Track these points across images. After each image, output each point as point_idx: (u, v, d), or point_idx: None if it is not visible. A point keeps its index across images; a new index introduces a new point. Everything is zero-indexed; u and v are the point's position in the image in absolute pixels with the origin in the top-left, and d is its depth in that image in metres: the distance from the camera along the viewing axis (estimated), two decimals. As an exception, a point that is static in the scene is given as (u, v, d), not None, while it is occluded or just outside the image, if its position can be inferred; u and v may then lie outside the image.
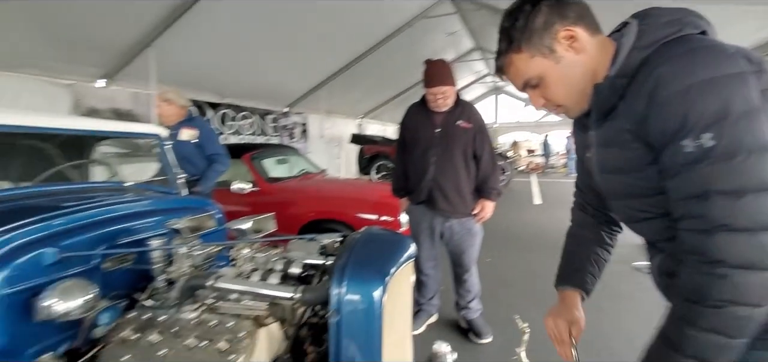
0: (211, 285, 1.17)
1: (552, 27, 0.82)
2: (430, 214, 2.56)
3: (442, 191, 2.47)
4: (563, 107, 0.91)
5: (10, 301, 1.05)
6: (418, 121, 2.57)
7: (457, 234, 2.55)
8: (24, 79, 4.86)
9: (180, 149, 3.10)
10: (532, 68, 0.86)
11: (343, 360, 0.99)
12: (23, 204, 1.40)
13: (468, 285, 2.64)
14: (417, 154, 2.53)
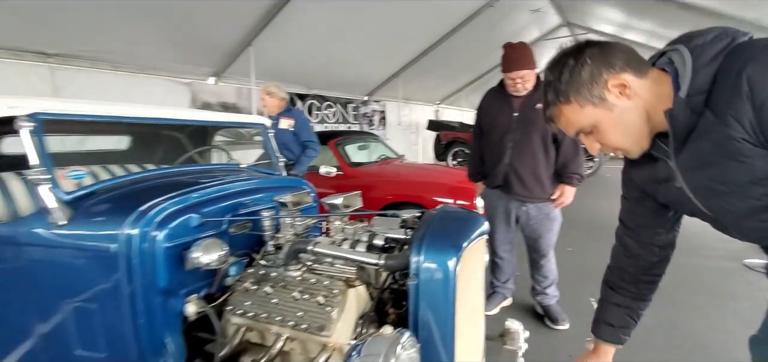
0: (311, 250, 1.40)
1: (599, 78, 0.82)
2: (506, 198, 2.58)
3: (519, 175, 2.47)
4: (622, 150, 0.91)
5: (168, 254, 1.38)
6: (495, 105, 2.57)
7: (534, 218, 2.53)
8: (154, 79, 5.82)
9: (279, 137, 3.51)
10: (583, 118, 0.86)
11: (420, 320, 1.14)
12: (168, 181, 1.77)
13: (545, 270, 2.62)
14: (494, 138, 2.55)
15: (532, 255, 2.67)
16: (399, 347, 0.91)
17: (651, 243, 1.10)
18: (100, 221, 1.37)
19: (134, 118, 1.86)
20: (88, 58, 5.00)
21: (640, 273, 1.14)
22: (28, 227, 1.44)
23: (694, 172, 0.83)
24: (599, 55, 0.83)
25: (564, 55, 0.86)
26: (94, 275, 1.37)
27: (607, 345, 1.20)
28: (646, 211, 1.07)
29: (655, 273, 1.14)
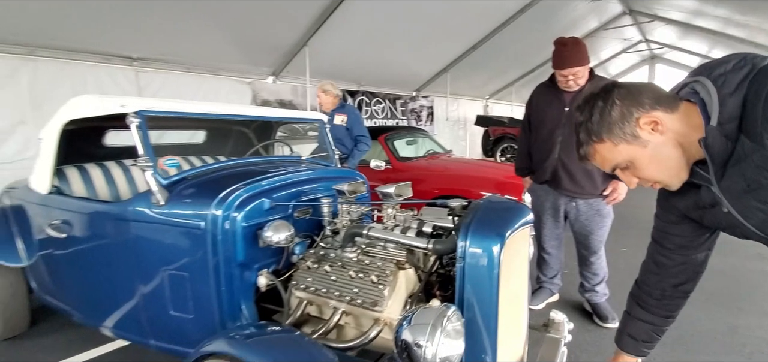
0: (365, 233, 1.55)
1: (630, 117, 0.84)
2: (554, 194, 2.57)
3: (568, 171, 2.45)
4: (660, 183, 0.92)
5: (245, 232, 1.60)
6: (545, 100, 2.55)
7: (584, 214, 2.51)
8: (220, 79, 6.33)
9: (333, 132, 3.75)
10: (618, 155, 0.88)
11: (465, 301, 1.24)
12: (242, 170, 2.01)
13: (594, 267, 2.59)
14: (543, 134, 2.53)
15: (582, 252, 2.64)
16: (445, 319, 1.02)
17: (685, 263, 1.11)
18: (190, 203, 1.62)
19: (216, 115, 2.14)
20: (165, 60, 5.58)
21: (669, 291, 1.15)
22: (135, 206, 1.73)
23: (740, 197, 0.82)
24: (627, 95, 0.85)
25: (592, 96, 0.90)
26: (185, 248, 1.62)
27: (628, 357, 1.22)
28: (683, 232, 1.07)
29: (685, 290, 1.16)
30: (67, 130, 2.04)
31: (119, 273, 1.82)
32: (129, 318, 1.86)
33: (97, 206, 1.95)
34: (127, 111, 1.67)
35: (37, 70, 4.55)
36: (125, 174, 2.57)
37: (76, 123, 2.00)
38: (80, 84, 4.88)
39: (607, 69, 13.77)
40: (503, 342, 1.30)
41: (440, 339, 0.98)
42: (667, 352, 2.24)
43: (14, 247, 2.31)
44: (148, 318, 1.78)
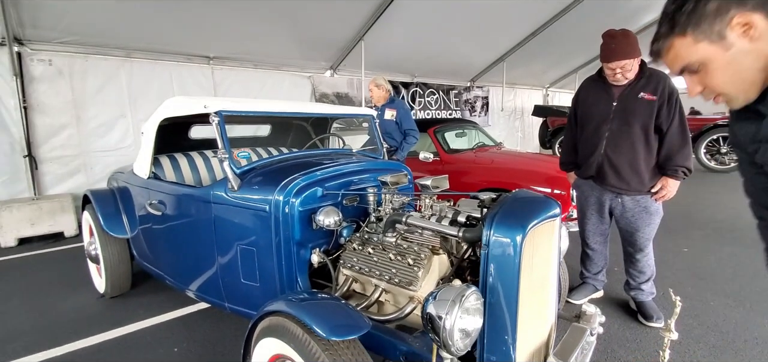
0: (404, 221, 1.74)
1: (726, 13, 0.76)
2: (599, 189, 2.54)
3: (614, 167, 2.41)
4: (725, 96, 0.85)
5: (301, 216, 1.86)
6: (593, 94, 2.51)
7: (630, 211, 2.46)
8: (283, 74, 6.81)
9: (384, 125, 4.01)
10: (694, 54, 0.81)
11: (488, 285, 1.38)
12: (300, 162, 2.28)
13: (640, 265, 2.53)
14: (589, 128, 2.50)
15: (627, 249, 2.58)
16: (464, 297, 1.18)
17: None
18: (258, 189, 1.92)
19: (280, 113, 2.44)
20: (237, 59, 6.15)
21: None
22: (214, 191, 2.07)
23: None
24: None
25: None
26: (254, 227, 1.92)
27: None
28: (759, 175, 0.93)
29: None
30: (161, 125, 2.46)
31: (201, 246, 2.19)
32: (209, 284, 2.23)
33: (185, 190, 2.34)
34: (209, 111, 2.01)
35: (132, 70, 5.29)
36: (205, 163, 2.99)
37: (167, 119, 2.41)
38: (167, 82, 5.58)
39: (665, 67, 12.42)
40: (525, 325, 1.42)
41: (458, 313, 1.14)
42: (717, 356, 2.17)
43: (121, 222, 2.82)
44: (224, 285, 2.13)
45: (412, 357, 1.44)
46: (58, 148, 4.83)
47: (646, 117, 2.32)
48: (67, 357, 2.27)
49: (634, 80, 2.35)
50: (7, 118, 4.45)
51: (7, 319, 2.69)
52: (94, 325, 2.58)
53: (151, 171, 2.58)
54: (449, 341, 1.15)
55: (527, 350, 1.44)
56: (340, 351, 1.18)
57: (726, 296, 2.85)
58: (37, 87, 4.60)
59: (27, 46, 4.48)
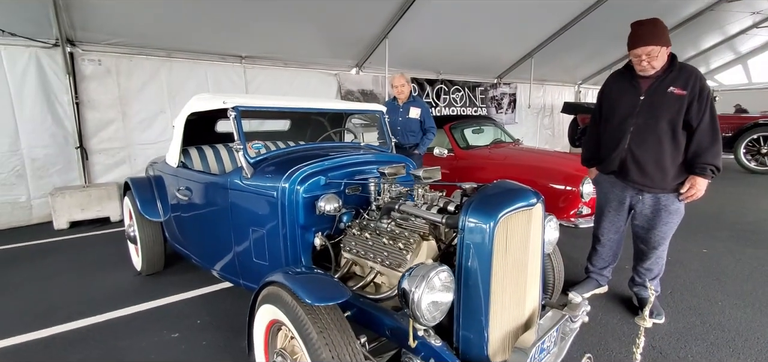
0: (397, 208, 1.87)
1: None
2: (621, 185, 2.48)
3: (638, 163, 2.34)
4: None
5: (305, 202, 2.03)
6: (620, 88, 2.42)
7: (649, 208, 2.39)
8: (310, 71, 7.07)
9: (408, 125, 4.19)
10: None
11: (464, 266, 1.49)
12: (308, 153, 2.46)
13: (649, 263, 2.50)
14: (614, 122, 2.42)
15: (639, 246, 2.53)
16: (434, 273, 1.30)
17: None
18: (268, 177, 2.11)
19: (292, 108, 2.64)
20: (267, 58, 6.47)
21: None
22: (231, 178, 2.29)
23: None
24: None
25: None
26: (263, 212, 2.12)
27: None
28: None
29: None
30: (189, 119, 2.72)
31: (222, 228, 2.42)
32: (227, 263, 2.46)
33: (208, 177, 2.58)
34: (227, 106, 2.22)
35: (172, 69, 5.71)
36: (229, 154, 3.25)
37: (195, 114, 2.66)
38: (203, 80, 5.98)
39: (735, 46, 11.64)
40: (501, 307, 1.51)
41: (424, 288, 1.27)
42: (712, 353, 2.15)
43: (155, 207, 3.12)
44: (239, 264, 2.35)
45: (396, 331, 1.57)
46: (105, 141, 5.32)
47: (674, 112, 2.22)
48: (106, 323, 2.58)
49: (663, 74, 2.25)
50: (61, 113, 4.96)
51: (58, 290, 3.07)
52: (130, 298, 2.89)
53: (180, 160, 2.86)
54: (418, 312, 1.28)
55: (503, 330, 1.54)
56: (321, 315, 1.33)
57: (736, 297, 2.78)
58: (87, 84, 5.09)
59: (78, 46, 4.97)
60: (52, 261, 3.71)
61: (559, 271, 2.24)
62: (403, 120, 4.22)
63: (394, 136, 3.99)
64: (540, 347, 1.49)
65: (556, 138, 11.38)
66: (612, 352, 2.19)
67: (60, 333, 2.46)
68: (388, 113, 3.98)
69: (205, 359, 2.18)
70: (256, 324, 1.65)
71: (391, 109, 4.13)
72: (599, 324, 2.47)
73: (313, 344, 1.28)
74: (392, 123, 4.10)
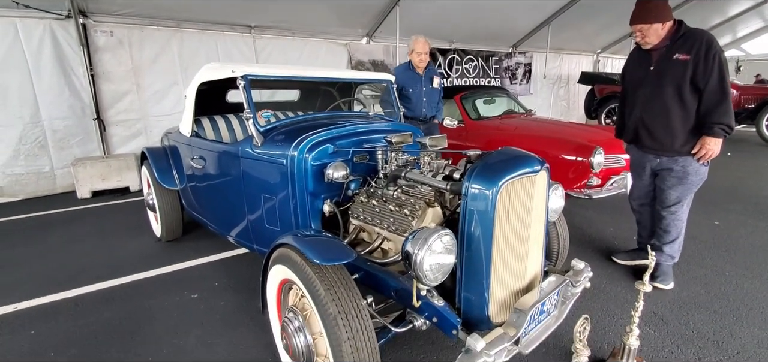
0: (404, 176, 1.91)
1: None
2: (640, 153, 2.61)
3: (648, 128, 2.47)
4: None
5: (314, 169, 2.08)
6: (635, 60, 2.59)
7: (666, 170, 2.49)
8: (320, 41, 7.01)
9: (434, 95, 3.99)
10: None
11: (466, 230, 1.53)
12: (317, 122, 2.49)
13: (665, 223, 2.54)
14: (629, 93, 2.60)
15: (656, 207, 2.60)
16: (436, 236, 1.34)
17: None
18: (278, 145, 2.16)
19: (301, 77, 2.66)
20: (276, 27, 6.43)
21: None
22: (242, 147, 2.35)
23: None
24: None
25: None
26: (274, 179, 2.18)
27: None
28: None
29: None
30: (201, 90, 2.77)
31: (235, 195, 2.51)
32: (241, 229, 2.56)
33: (220, 146, 2.65)
34: (236, 75, 2.26)
35: (183, 40, 5.74)
36: (240, 123, 3.31)
37: (206, 84, 2.71)
38: (213, 50, 6.00)
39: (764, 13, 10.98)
40: (502, 270, 1.56)
41: (426, 250, 1.32)
42: (715, 321, 2.18)
43: (172, 175, 3.23)
44: (252, 229, 2.44)
45: (401, 293, 1.64)
46: (122, 112, 5.44)
47: (678, 76, 2.30)
48: (131, 284, 2.74)
49: (671, 41, 2.34)
50: (77, 85, 5.07)
51: (84, 255, 3.24)
52: (152, 262, 3.04)
53: (193, 130, 2.93)
54: (420, 273, 1.34)
55: (504, 293, 1.59)
56: (328, 274, 1.40)
57: (744, 268, 2.78)
58: (101, 56, 5.17)
59: (90, 18, 5.02)
60: (77, 227, 3.89)
61: (564, 240, 2.27)
62: (427, 90, 3.94)
63: (414, 109, 3.84)
64: (540, 309, 1.54)
65: (571, 109, 11.14)
66: (613, 317, 2.23)
67: (89, 292, 2.62)
68: (403, 83, 3.78)
69: (224, 317, 2.31)
70: (269, 284, 1.74)
71: (408, 78, 3.86)
72: (603, 291, 2.51)
73: (321, 300, 1.35)
74: (414, 95, 3.87)
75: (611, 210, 4.02)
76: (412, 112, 3.88)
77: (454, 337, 1.48)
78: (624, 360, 1.77)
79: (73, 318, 2.33)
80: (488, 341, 1.35)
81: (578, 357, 1.47)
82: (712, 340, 2.04)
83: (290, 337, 1.54)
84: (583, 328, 1.49)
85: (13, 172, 4.86)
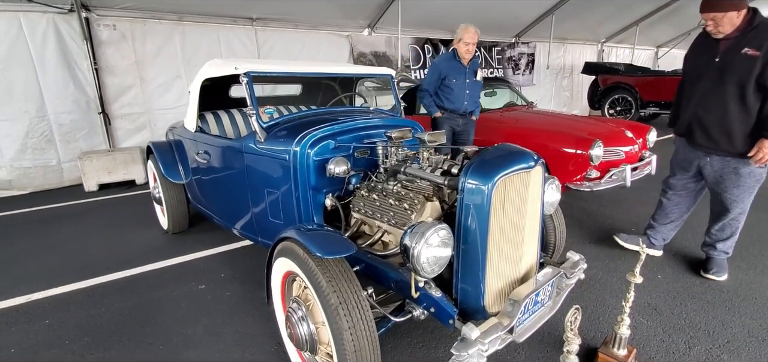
0: (403, 171, 1.96)
1: None
2: (690, 148, 2.51)
3: (702, 125, 2.36)
4: None
5: (315, 164, 2.13)
6: (698, 49, 2.42)
7: (718, 171, 2.40)
8: (322, 34, 7.01)
9: (476, 89, 3.78)
10: None
11: (463, 223, 1.58)
12: (319, 118, 2.53)
13: (721, 224, 2.52)
14: (688, 84, 2.46)
15: (714, 208, 2.55)
16: (433, 230, 1.40)
17: None
18: (280, 141, 2.21)
19: (302, 73, 2.71)
20: (278, 20, 6.44)
21: None
22: (246, 142, 2.41)
23: None
24: None
25: None
26: (277, 174, 2.24)
27: None
28: None
29: None
30: (205, 85, 2.82)
31: (239, 190, 2.57)
32: (245, 222, 2.63)
33: (224, 142, 2.71)
34: (239, 72, 2.31)
35: (185, 33, 5.76)
36: (243, 118, 3.37)
37: (210, 80, 2.76)
38: (215, 44, 6.03)
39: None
40: (498, 262, 1.62)
41: (423, 244, 1.37)
42: (707, 312, 2.23)
43: (177, 169, 3.29)
44: (257, 222, 2.51)
45: (400, 284, 1.70)
46: (126, 106, 5.50)
47: (744, 74, 2.15)
48: (140, 275, 2.82)
49: (742, 33, 2.18)
50: (82, 79, 5.13)
51: (94, 246, 3.33)
52: (160, 254, 3.12)
53: (198, 125, 2.98)
54: (418, 265, 1.40)
55: (499, 284, 1.65)
56: (329, 267, 1.46)
57: (741, 260, 2.82)
58: (105, 50, 5.21)
59: (93, 11, 5.06)
60: (85, 220, 3.98)
61: (560, 232, 2.32)
62: (470, 82, 3.71)
63: (455, 101, 3.64)
64: (534, 299, 1.60)
65: (574, 100, 11.09)
66: (608, 307, 2.30)
67: (100, 283, 2.71)
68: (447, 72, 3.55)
69: (230, 308, 2.39)
70: (274, 276, 1.81)
71: (452, 68, 3.63)
72: (598, 282, 2.57)
73: (323, 291, 1.42)
74: (457, 86, 3.64)
75: (610, 202, 4.06)
76: (452, 104, 3.70)
77: (451, 326, 1.54)
78: (615, 348, 1.83)
79: (85, 308, 2.41)
80: (483, 330, 1.41)
81: (569, 345, 1.53)
82: (704, 329, 2.10)
83: (294, 326, 1.61)
84: (574, 318, 1.55)
85: (22, 166, 4.94)
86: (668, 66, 11.71)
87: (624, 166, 3.58)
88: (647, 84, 8.76)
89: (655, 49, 12.61)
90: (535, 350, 1.97)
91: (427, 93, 3.77)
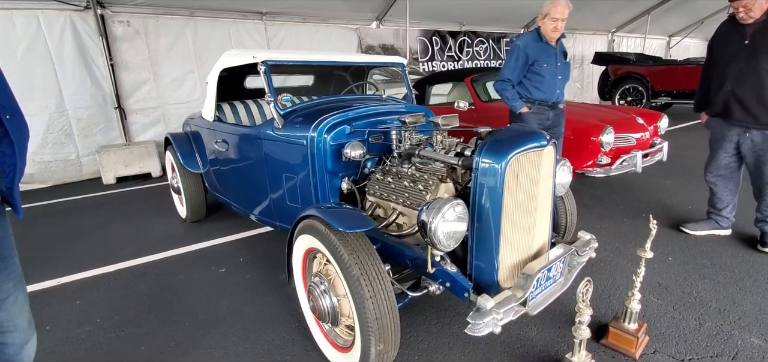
0: (417, 153, 2.02)
1: None
2: (726, 126, 2.67)
3: (740, 101, 2.54)
4: None
5: (332, 149, 2.20)
6: (727, 33, 2.63)
7: (758, 145, 2.55)
8: (330, 27, 7.07)
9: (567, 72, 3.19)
10: None
11: (477, 201, 1.64)
12: (334, 105, 2.60)
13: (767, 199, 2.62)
14: (719, 67, 2.64)
15: (755, 184, 2.67)
16: (449, 206, 1.46)
17: None
18: (298, 127, 2.29)
19: (318, 62, 2.79)
20: (287, 14, 6.51)
21: None
22: (264, 129, 2.48)
23: None
24: None
25: None
26: (295, 159, 2.31)
27: None
28: None
29: None
30: (222, 76, 2.90)
31: (257, 176, 2.65)
32: (263, 208, 2.71)
33: (242, 130, 2.79)
34: (257, 60, 2.38)
35: (196, 28, 5.86)
36: (258, 108, 3.45)
37: (226, 71, 2.84)
38: (225, 38, 6.12)
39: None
40: (511, 239, 1.68)
41: (440, 219, 1.44)
42: (718, 291, 2.26)
43: (195, 159, 3.39)
44: (275, 207, 2.59)
45: (416, 261, 1.77)
46: (141, 101, 5.63)
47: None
48: (162, 260, 2.93)
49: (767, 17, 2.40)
50: (98, 75, 5.26)
51: (115, 235, 3.45)
52: (179, 241, 3.23)
53: (216, 115, 3.07)
54: (435, 239, 1.46)
55: (512, 260, 1.71)
56: (350, 240, 1.53)
57: (752, 242, 2.82)
58: (120, 46, 5.34)
59: (108, 8, 5.18)
60: (106, 211, 4.11)
61: (571, 214, 2.36)
62: (561, 65, 3.12)
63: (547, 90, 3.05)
64: (546, 274, 1.65)
65: (585, 91, 11.02)
66: (618, 288, 2.34)
67: (125, 268, 2.82)
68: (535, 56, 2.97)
69: (249, 289, 2.48)
70: (295, 254, 1.89)
71: (539, 50, 3.03)
72: (609, 263, 2.61)
73: (345, 263, 1.49)
74: (549, 72, 3.04)
75: (621, 188, 4.08)
76: (543, 94, 3.07)
77: (466, 299, 1.60)
78: (626, 322, 1.88)
79: (112, 290, 2.52)
80: (497, 301, 1.48)
81: (581, 316, 1.59)
82: (715, 307, 2.13)
83: (317, 299, 1.69)
84: (586, 290, 1.60)
85: (43, 160, 5.10)
86: (680, 55, 11.56)
87: (635, 152, 3.59)
88: (659, 73, 8.67)
89: (667, 39, 12.44)
90: (548, 325, 2.03)
91: (510, 83, 3.06)
